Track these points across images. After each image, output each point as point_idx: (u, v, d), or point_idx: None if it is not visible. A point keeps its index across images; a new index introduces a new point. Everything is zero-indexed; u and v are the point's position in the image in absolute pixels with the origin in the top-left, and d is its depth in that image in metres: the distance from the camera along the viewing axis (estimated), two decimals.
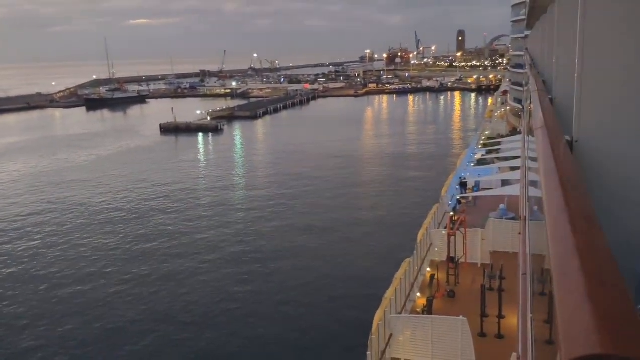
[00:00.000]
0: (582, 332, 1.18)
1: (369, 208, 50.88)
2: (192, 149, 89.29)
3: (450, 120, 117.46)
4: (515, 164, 31.61)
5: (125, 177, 66.78)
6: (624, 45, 3.71)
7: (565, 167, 2.70)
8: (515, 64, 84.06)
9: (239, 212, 50.66)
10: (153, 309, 31.75)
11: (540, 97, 6.30)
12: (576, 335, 1.19)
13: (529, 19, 18.96)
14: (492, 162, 42.62)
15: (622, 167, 3.80)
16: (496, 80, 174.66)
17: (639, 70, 3.71)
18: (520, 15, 71.74)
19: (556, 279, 1.48)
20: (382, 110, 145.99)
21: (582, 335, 1.18)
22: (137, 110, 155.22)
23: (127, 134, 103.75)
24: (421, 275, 23.63)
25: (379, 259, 36.91)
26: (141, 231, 45.60)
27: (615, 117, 3.82)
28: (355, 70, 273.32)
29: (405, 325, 17.47)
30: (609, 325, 1.19)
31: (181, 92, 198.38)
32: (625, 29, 3.69)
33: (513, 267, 14.54)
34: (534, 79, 9.47)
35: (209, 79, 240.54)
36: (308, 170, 67.65)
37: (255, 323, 29.75)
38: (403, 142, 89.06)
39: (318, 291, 33.02)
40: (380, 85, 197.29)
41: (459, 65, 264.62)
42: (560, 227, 1.80)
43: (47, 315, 31.27)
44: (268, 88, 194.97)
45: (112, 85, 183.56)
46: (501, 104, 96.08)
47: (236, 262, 38.22)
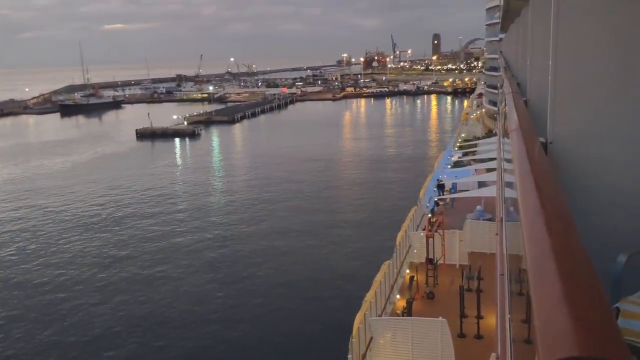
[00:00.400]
0: (559, 334, 1.19)
1: (348, 211, 50.98)
2: (169, 155, 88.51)
3: (427, 123, 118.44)
4: (491, 166, 31.97)
5: (101, 183, 65.88)
6: (596, 48, 3.79)
7: (540, 169, 2.73)
8: (490, 67, 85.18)
9: (217, 217, 50.33)
10: (131, 314, 31.33)
11: (514, 99, 6.38)
12: (553, 338, 1.20)
13: (503, 22, 19.24)
14: (468, 164, 43.02)
15: (596, 168, 3.87)
16: (471, 83, 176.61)
17: (611, 72, 3.79)
18: (494, 18, 72.79)
19: (532, 281, 1.49)
20: (360, 114, 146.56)
21: (559, 337, 1.18)
22: (113, 116, 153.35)
23: (103, 140, 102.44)
24: (401, 277, 23.73)
25: (359, 261, 36.98)
26: (118, 237, 45.00)
27: (589, 119, 3.88)
28: (333, 74, 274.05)
29: (386, 327, 17.51)
30: (585, 327, 1.20)
31: (157, 97, 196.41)
32: (598, 33, 3.76)
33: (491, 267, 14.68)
34: (509, 81, 9.60)
35: (186, 84, 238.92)
36: (287, 174, 67.55)
37: (235, 327, 29.54)
38: (381, 145, 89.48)
39: (298, 295, 32.94)
40: (358, 89, 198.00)
41: (434, 68, 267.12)
42: (535, 229, 1.82)
43: (22, 323, 30.64)
44: (245, 92, 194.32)
45: (87, 91, 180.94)
46: (477, 106, 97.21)
47: (215, 267, 37.94)
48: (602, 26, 3.73)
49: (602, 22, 3.73)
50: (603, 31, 3.73)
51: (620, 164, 3.85)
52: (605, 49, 3.76)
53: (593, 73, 3.82)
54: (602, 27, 3.73)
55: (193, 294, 33.83)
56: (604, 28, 3.72)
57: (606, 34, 3.73)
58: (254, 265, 37.97)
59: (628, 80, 3.77)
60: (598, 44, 3.76)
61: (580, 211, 2.07)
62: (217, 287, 34.80)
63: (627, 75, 3.76)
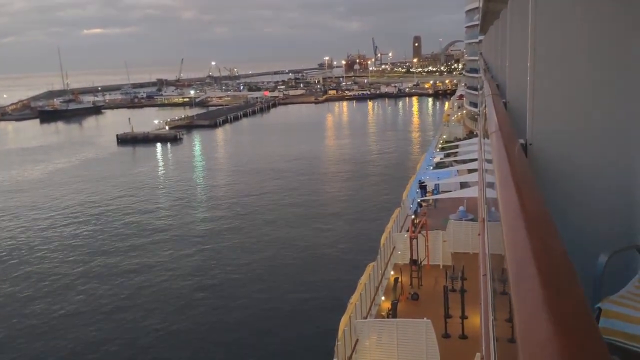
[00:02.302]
0: (540, 341, 1.20)
1: (332, 213, 50.99)
2: (151, 160, 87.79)
3: (409, 125, 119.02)
4: (472, 167, 32.26)
5: (81, 189, 65.12)
6: (574, 50, 3.85)
7: (520, 170, 2.76)
8: (470, 69, 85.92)
9: (199, 221, 50.03)
10: (112, 321, 30.97)
11: (494, 101, 6.45)
12: (534, 345, 1.21)
13: (482, 24, 19.42)
14: (450, 165, 43.36)
15: (575, 169, 3.93)
16: (452, 85, 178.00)
17: (590, 73, 3.85)
18: (473, 20, 73.43)
19: (513, 286, 1.50)
20: (343, 116, 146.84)
21: (540, 344, 1.19)
22: (93, 121, 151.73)
23: (83, 146, 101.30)
24: (385, 279, 23.81)
25: (343, 263, 37.01)
26: (98, 243, 44.48)
27: (568, 120, 3.94)
28: (315, 77, 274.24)
29: (371, 329, 17.57)
30: (567, 335, 1.21)
31: (138, 101, 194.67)
32: (576, 34, 3.82)
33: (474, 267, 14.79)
34: (488, 83, 9.69)
35: (167, 88, 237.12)
36: (270, 177, 67.41)
37: (217, 332, 29.37)
38: (364, 147, 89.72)
39: (282, 298, 32.85)
40: (340, 91, 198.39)
41: (415, 71, 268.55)
42: (516, 232, 1.84)
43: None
44: (227, 96, 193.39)
45: (67, 97, 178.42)
46: (457, 108, 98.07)
47: (197, 272, 37.66)
48: (580, 28, 3.79)
49: (580, 24, 3.79)
50: (581, 33, 3.79)
51: (600, 164, 3.91)
52: (583, 50, 3.82)
53: (572, 74, 3.88)
54: (580, 29, 3.79)
55: (174, 298, 33.55)
56: (582, 30, 3.78)
57: (584, 36, 3.79)
58: (236, 270, 37.79)
59: (607, 81, 3.84)
60: (576, 45, 3.83)
61: (561, 212, 2.10)
62: (198, 291, 34.55)
63: (605, 76, 3.83)
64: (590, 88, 3.87)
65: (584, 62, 3.84)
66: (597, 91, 3.87)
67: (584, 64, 3.85)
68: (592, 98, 3.88)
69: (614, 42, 3.75)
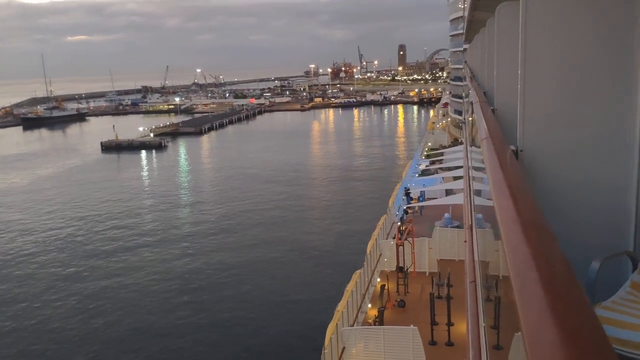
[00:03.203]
0: (549, 346, 1.18)
1: (318, 220, 50.93)
2: (135, 167, 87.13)
3: (395, 133, 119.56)
4: (457, 174, 32.45)
5: (65, 197, 64.40)
6: (564, 56, 3.88)
7: (514, 177, 2.76)
8: (454, 77, 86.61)
9: (184, 229, 49.68)
10: (93, 330, 30.57)
11: (482, 108, 6.48)
12: (543, 350, 1.19)
13: (467, 33, 19.60)
14: (435, 173, 43.58)
15: (567, 175, 3.95)
16: (437, 93, 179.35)
17: (580, 80, 3.89)
18: (458, 29, 74.12)
19: (517, 292, 1.49)
20: (329, 124, 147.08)
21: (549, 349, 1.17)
22: (77, 129, 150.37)
23: (67, 153, 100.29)
24: (372, 286, 23.78)
25: (329, 271, 36.95)
26: (83, 251, 43.95)
27: (559, 127, 3.97)
28: (301, 85, 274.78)
29: (358, 337, 17.51)
30: (574, 337, 1.20)
31: (123, 108, 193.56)
32: (565, 42, 3.86)
33: (460, 274, 14.84)
34: (475, 91, 9.75)
35: (152, 95, 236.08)
36: (255, 184, 67.21)
37: (202, 342, 29.11)
38: (350, 155, 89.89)
39: (268, 306, 32.67)
40: (326, 99, 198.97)
41: (401, 79, 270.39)
42: (515, 238, 1.83)
43: None
44: (213, 103, 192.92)
45: (50, 104, 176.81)
46: (442, 115, 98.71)
47: (181, 279, 37.35)
48: (570, 36, 3.82)
49: (570, 32, 3.82)
50: (571, 40, 3.82)
51: (591, 170, 3.93)
52: (573, 57, 3.85)
53: (562, 81, 3.91)
54: (570, 37, 3.82)
55: (159, 308, 33.23)
56: (572, 37, 3.82)
57: (574, 43, 3.83)
58: (221, 278, 37.54)
59: (597, 87, 3.87)
60: (566, 52, 3.86)
61: (553, 219, 2.10)
62: (182, 299, 34.25)
63: (595, 83, 3.87)
64: (581, 95, 3.90)
65: (574, 69, 3.88)
66: (587, 98, 3.90)
67: (575, 71, 3.88)
68: (582, 105, 3.91)
69: (603, 49, 3.79)
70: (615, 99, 3.82)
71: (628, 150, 3.82)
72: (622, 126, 3.82)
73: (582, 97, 3.91)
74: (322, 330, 18.14)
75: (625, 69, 3.73)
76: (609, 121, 3.86)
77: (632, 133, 3.79)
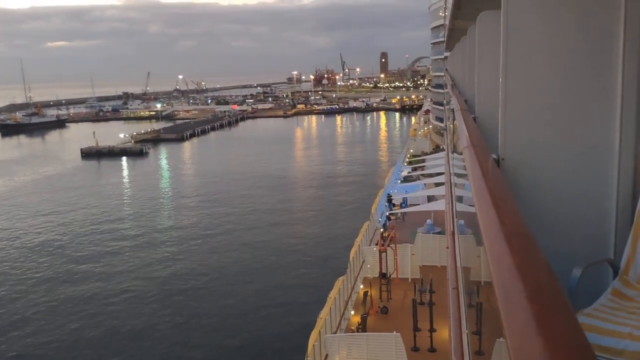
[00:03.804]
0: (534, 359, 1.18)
1: (301, 227, 50.84)
2: (116, 174, 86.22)
3: (377, 139, 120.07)
4: (439, 180, 32.69)
5: (44, 204, 63.43)
6: (545, 66, 3.93)
7: (497, 187, 2.78)
8: (435, 84, 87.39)
9: (164, 237, 49.19)
10: (71, 339, 30.11)
11: (464, 116, 6.52)
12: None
13: (448, 41, 19.79)
14: (417, 179, 43.85)
15: (548, 184, 3.98)
16: (418, 100, 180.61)
17: (563, 87, 3.94)
18: (439, 37, 74.88)
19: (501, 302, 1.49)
20: (312, 130, 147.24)
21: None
22: (57, 135, 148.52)
23: (46, 160, 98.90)
24: (355, 293, 23.78)
25: (313, 278, 36.86)
26: (62, 258, 43.30)
27: (540, 135, 4.00)
28: (284, 91, 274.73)
29: (341, 344, 17.50)
30: (559, 351, 1.20)
31: (103, 115, 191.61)
32: (546, 51, 3.90)
33: (442, 280, 14.90)
34: (457, 98, 9.83)
35: (133, 102, 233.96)
36: (238, 191, 66.91)
37: (181, 347, 28.83)
38: (333, 161, 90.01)
39: (250, 314, 32.46)
40: (309, 105, 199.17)
41: (383, 86, 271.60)
42: (499, 247, 1.83)
43: None
44: (195, 109, 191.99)
45: (29, 110, 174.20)
46: (424, 122, 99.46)
47: (161, 285, 36.97)
48: (551, 43, 3.87)
49: (551, 40, 3.87)
50: (552, 48, 3.87)
51: (572, 178, 3.97)
52: (554, 65, 3.90)
53: (544, 90, 3.95)
54: (551, 45, 3.87)
55: (135, 312, 32.86)
56: (553, 45, 3.86)
57: (555, 51, 3.87)
58: (202, 282, 37.25)
59: (579, 95, 3.92)
60: (547, 61, 3.90)
61: (535, 227, 2.11)
62: (162, 307, 33.89)
63: (577, 91, 3.92)
64: (563, 103, 3.95)
65: (556, 78, 3.92)
66: (569, 107, 3.95)
67: (556, 80, 3.92)
68: (564, 113, 3.95)
69: (585, 58, 3.84)
70: (596, 107, 3.87)
71: (608, 158, 3.87)
72: (603, 134, 3.87)
73: (564, 106, 3.95)
74: (305, 337, 18.08)
75: (607, 78, 3.78)
76: (590, 130, 3.91)
77: (613, 141, 3.84)
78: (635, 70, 3.71)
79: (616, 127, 3.80)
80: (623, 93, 3.74)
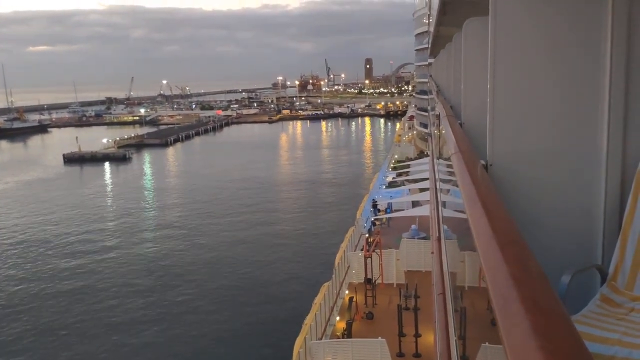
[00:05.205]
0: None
1: (286, 232, 50.69)
2: (98, 179, 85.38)
3: (362, 145, 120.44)
4: (424, 186, 32.85)
5: (25, 210, 62.58)
6: (533, 71, 3.94)
7: (488, 193, 2.76)
8: (420, 91, 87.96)
9: (147, 243, 48.73)
10: (54, 347, 29.68)
11: (451, 122, 6.54)
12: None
13: (433, 47, 19.90)
14: (402, 184, 44.03)
15: (536, 190, 3.99)
16: (403, 106, 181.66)
17: (550, 92, 3.95)
18: (423, 44, 75.39)
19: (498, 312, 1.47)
20: (297, 136, 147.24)
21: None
22: (39, 140, 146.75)
23: (28, 165, 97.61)
24: (340, 299, 23.74)
25: (297, 284, 36.75)
26: (42, 264, 42.69)
27: (529, 140, 4.01)
28: (269, 97, 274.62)
29: (326, 350, 17.44)
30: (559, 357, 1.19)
31: (86, 120, 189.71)
32: (534, 56, 3.91)
33: (427, 285, 14.94)
34: (442, 104, 9.86)
35: (116, 106, 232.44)
36: (221, 197, 66.58)
37: (164, 354, 28.54)
38: (318, 167, 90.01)
39: (234, 320, 32.26)
40: (294, 111, 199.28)
41: (367, 92, 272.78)
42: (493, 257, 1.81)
43: None
44: (179, 115, 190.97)
45: (11, 115, 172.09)
46: (408, 128, 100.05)
47: (145, 294, 36.59)
48: (538, 49, 3.88)
49: (538, 45, 3.88)
50: (540, 53, 3.88)
51: (560, 184, 3.98)
52: (542, 71, 3.91)
53: (531, 95, 3.95)
54: (539, 50, 3.88)
55: (120, 324, 32.46)
56: (541, 50, 3.87)
57: (543, 57, 3.88)
58: (185, 288, 36.94)
59: (567, 100, 3.93)
60: (535, 66, 3.91)
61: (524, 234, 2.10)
62: (148, 313, 33.56)
63: (565, 96, 3.93)
64: (550, 109, 3.95)
65: (543, 83, 3.93)
66: (557, 112, 3.95)
67: (544, 85, 3.93)
68: (552, 118, 3.96)
69: (572, 65, 3.85)
70: (584, 114, 3.89)
71: (596, 165, 3.88)
72: (591, 141, 3.88)
73: (552, 112, 3.96)
74: (290, 343, 17.98)
75: (596, 84, 3.79)
76: (578, 136, 3.92)
77: (600, 148, 3.86)
78: (622, 80, 3.73)
79: (604, 134, 3.82)
80: (610, 100, 3.76)
